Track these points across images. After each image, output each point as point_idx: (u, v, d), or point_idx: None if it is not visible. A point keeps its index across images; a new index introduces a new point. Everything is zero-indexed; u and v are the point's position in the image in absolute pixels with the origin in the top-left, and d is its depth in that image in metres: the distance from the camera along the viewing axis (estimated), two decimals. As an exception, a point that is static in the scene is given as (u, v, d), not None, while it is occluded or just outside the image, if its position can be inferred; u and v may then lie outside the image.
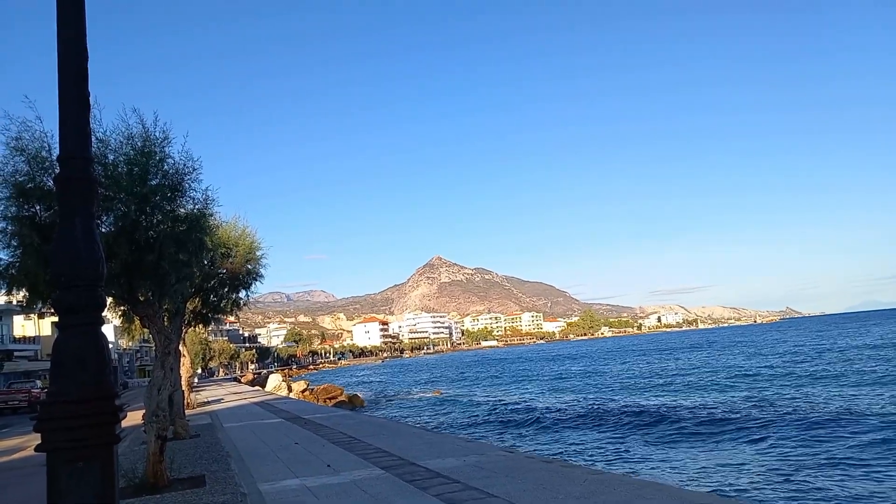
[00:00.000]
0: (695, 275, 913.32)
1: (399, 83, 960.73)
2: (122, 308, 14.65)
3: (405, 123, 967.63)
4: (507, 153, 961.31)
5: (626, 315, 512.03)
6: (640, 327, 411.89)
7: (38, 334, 59.93)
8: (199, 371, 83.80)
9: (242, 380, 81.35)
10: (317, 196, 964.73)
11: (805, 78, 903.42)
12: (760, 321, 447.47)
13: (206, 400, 34.04)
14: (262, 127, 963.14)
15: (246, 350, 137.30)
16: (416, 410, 39.24)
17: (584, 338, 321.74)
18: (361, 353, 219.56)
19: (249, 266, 18.13)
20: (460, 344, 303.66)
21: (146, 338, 52.58)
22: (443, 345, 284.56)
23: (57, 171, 3.38)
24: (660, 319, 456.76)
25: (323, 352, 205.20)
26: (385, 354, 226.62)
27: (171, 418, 14.10)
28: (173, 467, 10.59)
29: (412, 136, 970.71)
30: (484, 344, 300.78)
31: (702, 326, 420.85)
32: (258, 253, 18.36)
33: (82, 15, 3.43)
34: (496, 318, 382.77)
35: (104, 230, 8.89)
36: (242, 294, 18.99)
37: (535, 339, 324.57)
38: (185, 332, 21.08)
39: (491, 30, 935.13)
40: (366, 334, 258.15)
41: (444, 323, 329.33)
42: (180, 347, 20.08)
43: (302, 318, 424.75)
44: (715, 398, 31.88)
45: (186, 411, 21.14)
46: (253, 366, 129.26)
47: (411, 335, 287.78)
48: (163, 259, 9.29)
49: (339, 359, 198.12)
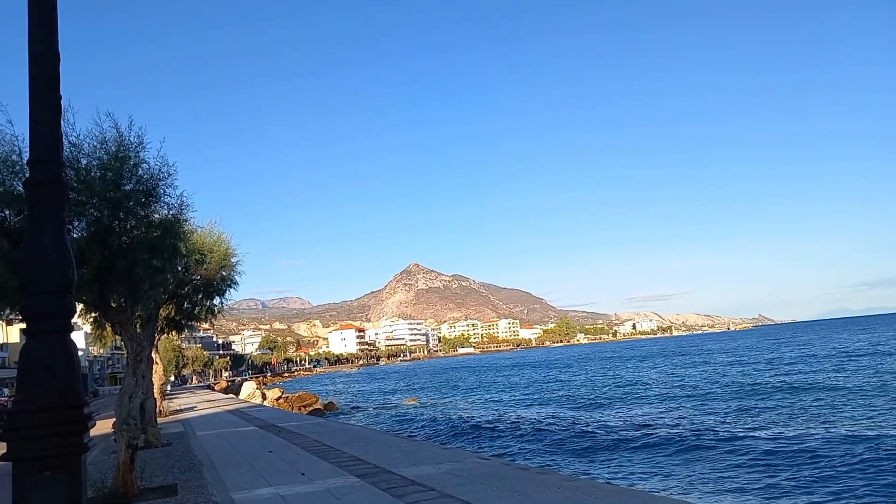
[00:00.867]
0: (669, 282, 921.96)
1: (376, 91, 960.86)
2: (93, 314, 14.43)
3: (382, 130, 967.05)
4: (485, 161, 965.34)
5: (601, 322, 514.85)
6: (615, 334, 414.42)
7: (6, 341, 58.83)
8: (172, 379, 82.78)
9: (216, 387, 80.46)
10: (292, 202, 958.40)
11: (778, 88, 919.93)
12: (734, 328, 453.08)
13: (178, 408, 33.58)
14: (238, 133, 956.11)
15: (220, 357, 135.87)
16: (392, 418, 39.08)
17: (559, 344, 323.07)
18: (337, 360, 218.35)
19: (224, 272, 17.92)
20: (437, 351, 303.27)
21: (118, 345, 51.80)
22: (419, 352, 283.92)
23: (27, 175, 3.32)
24: (635, 326, 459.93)
25: (298, 359, 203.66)
26: (361, 362, 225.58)
27: (143, 426, 13.89)
28: (144, 476, 10.42)
29: (389, 142, 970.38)
30: (461, 351, 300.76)
31: (676, 333, 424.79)
32: (233, 259, 18.14)
33: (54, 17, 3.38)
34: (473, 324, 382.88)
35: (76, 235, 8.76)
36: (217, 301, 18.75)
37: (511, 346, 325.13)
38: (158, 339, 20.82)
39: (469, 40, 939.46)
40: (342, 341, 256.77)
41: (420, 330, 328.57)
42: (153, 354, 19.82)
43: (277, 326, 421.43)
44: (685, 411, 32.20)
45: (159, 419, 20.83)
46: (227, 373, 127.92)
47: (388, 342, 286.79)
48: (136, 265, 9.17)
49: (314, 366, 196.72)
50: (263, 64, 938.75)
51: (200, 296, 18.07)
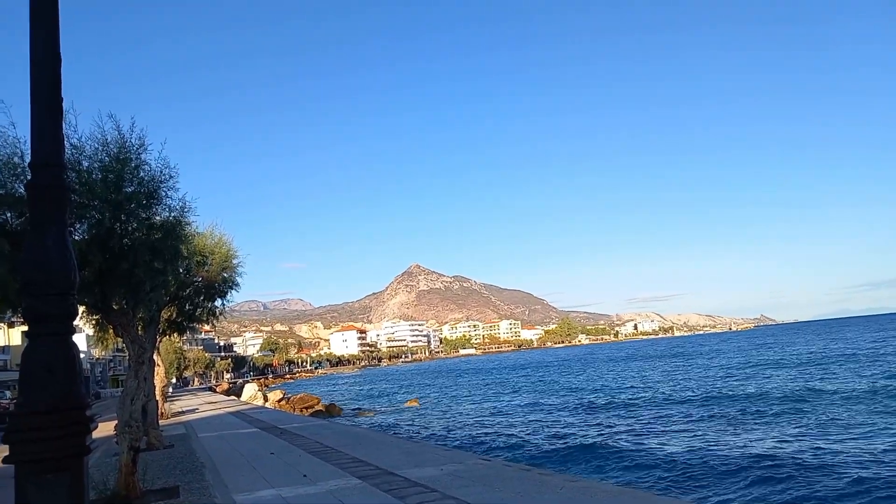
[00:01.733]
0: (671, 283, 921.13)
1: (377, 94, 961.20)
2: (95, 317, 14.44)
3: (383, 132, 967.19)
4: (487, 162, 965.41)
5: (603, 322, 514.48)
6: (616, 335, 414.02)
7: (7, 344, 58.80)
8: (174, 380, 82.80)
9: (218, 389, 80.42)
10: (294, 204, 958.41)
11: (784, 91, 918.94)
12: (735, 329, 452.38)
13: (180, 410, 33.59)
14: (240, 136, 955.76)
15: (221, 359, 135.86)
16: (394, 420, 39.07)
17: (561, 345, 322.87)
18: (339, 361, 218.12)
19: (225, 274, 17.94)
20: (438, 352, 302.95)
21: (120, 347, 51.80)
22: (421, 353, 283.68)
23: (29, 177, 3.32)
24: (636, 327, 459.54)
25: (300, 361, 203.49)
26: (363, 363, 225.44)
27: (145, 429, 13.89)
28: (146, 478, 10.43)
29: (390, 144, 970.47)
30: (462, 352, 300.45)
31: (678, 334, 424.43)
32: (234, 261, 18.17)
33: (55, 18, 3.38)
34: (474, 325, 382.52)
35: (77, 238, 8.77)
36: (218, 303, 18.77)
37: (513, 347, 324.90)
38: (160, 341, 20.82)
39: (471, 43, 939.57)
40: (343, 343, 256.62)
41: (422, 331, 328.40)
42: (154, 357, 19.81)
43: (278, 327, 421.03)
44: (683, 414, 32.18)
45: (160, 421, 20.84)
46: (228, 375, 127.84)
47: (389, 343, 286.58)
48: (137, 267, 9.17)
49: (315, 368, 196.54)
50: (266, 67, 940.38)
51: (202, 298, 18.10)
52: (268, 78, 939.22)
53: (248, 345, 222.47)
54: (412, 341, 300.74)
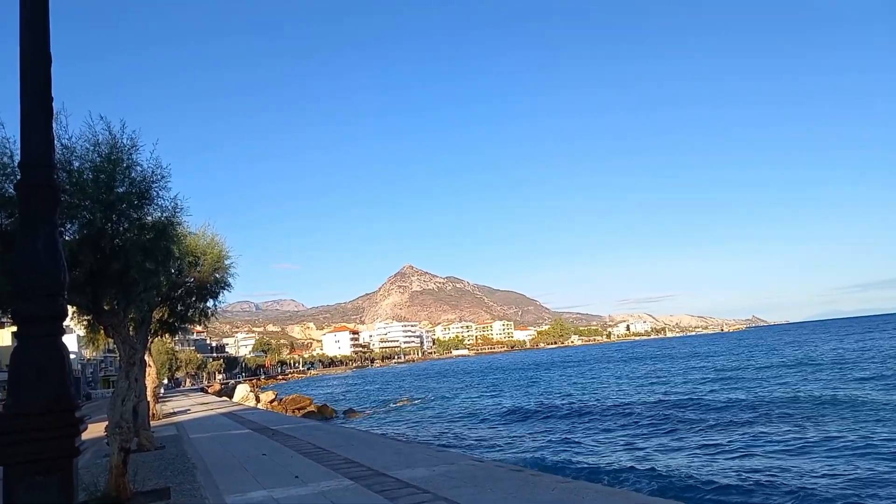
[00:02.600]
0: (663, 284, 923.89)
1: (372, 95, 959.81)
2: (86, 318, 14.38)
3: (378, 134, 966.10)
4: (480, 163, 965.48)
5: (595, 323, 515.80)
6: (609, 335, 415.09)
7: (-3, 344, 58.40)
8: (166, 381, 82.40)
9: (210, 390, 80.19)
10: (287, 205, 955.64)
11: (771, 93, 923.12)
12: (727, 329, 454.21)
13: (172, 411, 33.46)
14: (232, 137, 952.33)
15: (213, 360, 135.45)
16: (386, 420, 39.06)
17: (554, 346, 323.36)
18: (331, 362, 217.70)
19: (217, 275, 17.91)
20: (431, 353, 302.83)
21: (111, 348, 51.57)
22: (413, 354, 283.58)
23: (19, 178, 3.31)
24: (628, 328, 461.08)
25: (292, 361, 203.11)
26: (355, 364, 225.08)
27: (136, 430, 13.84)
28: (137, 480, 10.39)
29: (383, 145, 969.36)
30: (455, 353, 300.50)
31: (670, 335, 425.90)
32: (227, 262, 18.15)
33: (46, 18, 3.37)
34: (467, 326, 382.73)
35: (68, 238, 8.74)
36: (210, 303, 18.74)
37: (505, 348, 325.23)
38: (152, 342, 20.74)
39: (464, 45, 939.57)
40: (336, 344, 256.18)
41: (415, 332, 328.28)
42: (146, 357, 19.75)
43: (271, 328, 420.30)
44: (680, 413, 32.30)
45: (152, 422, 20.76)
46: (220, 376, 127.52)
47: (382, 344, 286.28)
48: (129, 267, 9.15)
49: (308, 369, 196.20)
50: (260, 69, 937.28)
51: (194, 298, 18.06)
52: (262, 80, 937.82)
53: (241, 345, 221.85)
54: (405, 342, 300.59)
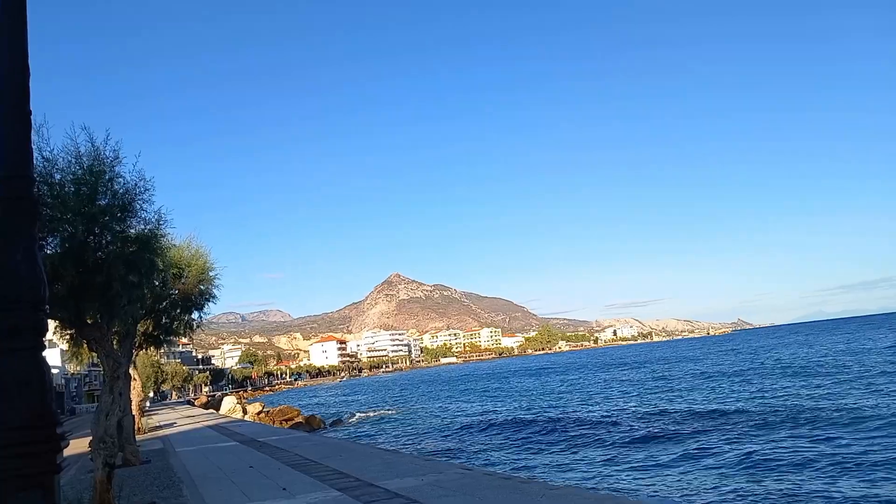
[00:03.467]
0: (649, 288, 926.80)
1: (358, 108, 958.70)
2: (69, 331, 14.22)
3: (364, 144, 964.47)
4: (466, 171, 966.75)
5: (582, 329, 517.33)
6: (596, 341, 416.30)
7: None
8: (151, 395, 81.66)
9: (196, 403, 79.54)
10: (273, 215, 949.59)
11: (757, 97, 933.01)
12: (713, 333, 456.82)
13: (157, 424, 33.14)
14: (220, 150, 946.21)
15: (199, 372, 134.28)
16: (374, 430, 38.89)
17: (542, 352, 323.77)
18: (319, 373, 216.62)
19: (202, 286, 17.79)
20: (419, 361, 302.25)
21: (95, 362, 51.05)
22: (402, 363, 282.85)
23: (-3, 190, 3.26)
24: (615, 333, 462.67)
25: (279, 373, 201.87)
26: (343, 374, 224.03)
27: (121, 444, 13.68)
28: (122, 495, 10.27)
29: (369, 154, 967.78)
30: (443, 361, 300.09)
31: (656, 339, 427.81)
32: (211, 273, 18.04)
33: (24, 30, 3.33)
34: (455, 334, 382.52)
35: (49, 251, 8.65)
36: (195, 315, 18.62)
37: (493, 355, 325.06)
38: (136, 355, 20.56)
39: (454, 59, 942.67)
40: (323, 354, 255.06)
41: (402, 340, 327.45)
42: (131, 371, 19.55)
43: (257, 339, 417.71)
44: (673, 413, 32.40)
45: (137, 436, 20.55)
46: (207, 388, 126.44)
47: (370, 354, 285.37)
48: (112, 280, 9.06)
49: (295, 379, 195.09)
50: (245, 82, 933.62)
51: (178, 310, 17.92)
52: (248, 95, 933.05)
53: (227, 357, 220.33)
54: (393, 351, 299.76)
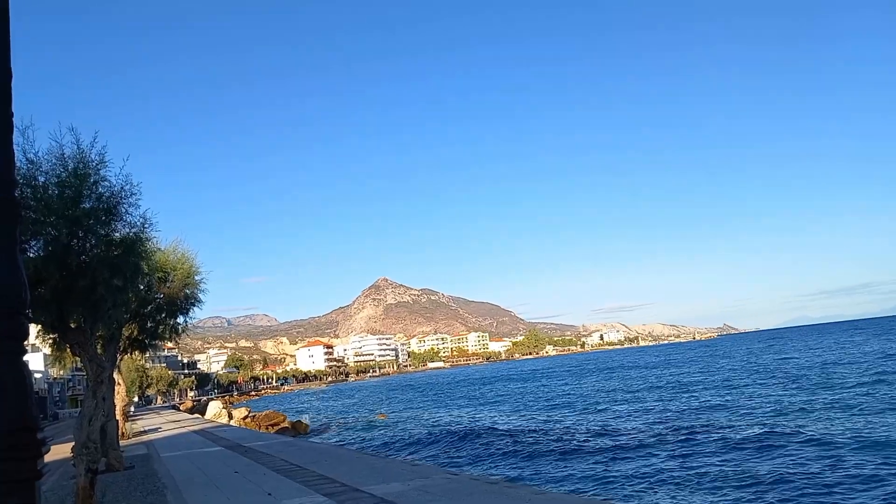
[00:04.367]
0: (636, 293, 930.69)
1: (345, 111, 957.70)
2: (52, 336, 14.09)
3: (351, 148, 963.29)
4: (453, 174, 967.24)
5: (569, 333, 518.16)
6: (583, 345, 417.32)
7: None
8: (136, 399, 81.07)
9: (181, 407, 79.04)
10: (259, 218, 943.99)
11: (737, 102, 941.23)
12: (699, 338, 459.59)
13: (142, 429, 32.86)
14: (203, 151, 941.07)
15: (185, 377, 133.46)
16: (361, 435, 38.76)
17: (529, 356, 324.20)
18: (305, 377, 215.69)
19: (188, 290, 17.70)
20: (407, 366, 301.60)
21: (79, 366, 50.61)
22: (389, 367, 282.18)
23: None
24: (602, 337, 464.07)
25: (265, 377, 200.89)
26: (329, 378, 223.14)
27: (104, 450, 13.56)
28: (105, 501, 10.18)
29: (357, 159, 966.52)
30: (430, 365, 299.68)
31: (643, 343, 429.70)
32: (197, 277, 17.96)
33: (7, 33, 3.30)
34: (443, 338, 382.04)
35: (32, 255, 8.57)
36: (181, 319, 18.53)
37: (481, 360, 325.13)
38: (121, 360, 20.40)
39: (439, 66, 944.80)
40: (310, 358, 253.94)
41: (390, 345, 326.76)
42: (115, 375, 19.40)
43: (243, 343, 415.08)
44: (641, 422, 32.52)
45: (121, 441, 20.37)
46: (192, 393, 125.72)
47: (357, 358, 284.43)
48: (96, 284, 8.99)
49: (281, 384, 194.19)
50: (228, 86, 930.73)
51: (164, 314, 17.82)
52: (233, 99, 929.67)
53: (213, 361, 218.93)
54: (380, 355, 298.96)
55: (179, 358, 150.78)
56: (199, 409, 69.52)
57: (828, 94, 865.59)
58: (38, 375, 66.77)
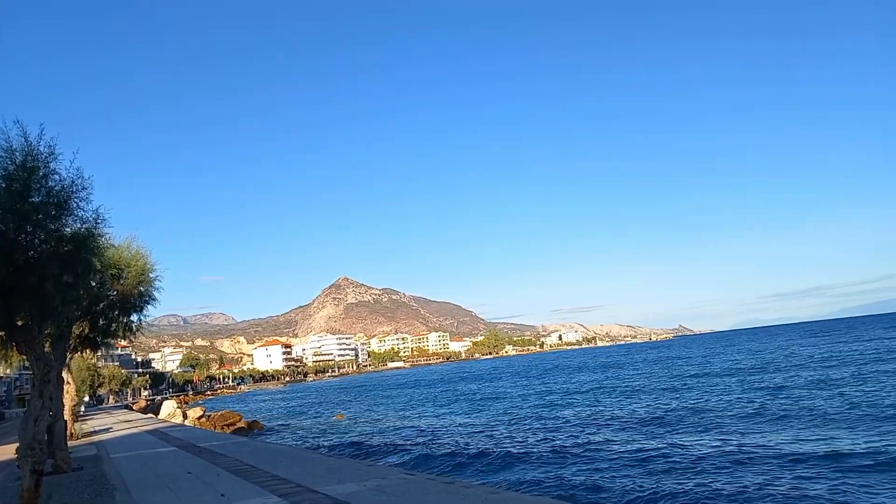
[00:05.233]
0: (594, 294, 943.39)
1: (303, 107, 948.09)
2: (-2, 333, 13.68)
3: (309, 145, 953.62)
4: (414, 175, 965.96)
5: (529, 333, 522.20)
6: (542, 345, 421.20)
7: None
8: (87, 399, 79.14)
9: (135, 407, 77.46)
10: (217, 215, 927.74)
11: (698, 106, 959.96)
12: (655, 339, 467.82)
13: (92, 429, 32.08)
14: (157, 149, 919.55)
15: (139, 376, 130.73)
16: (318, 436, 38.47)
17: (489, 356, 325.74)
18: (262, 377, 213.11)
19: (142, 288, 17.37)
20: (366, 366, 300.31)
21: (27, 364, 49.17)
22: (348, 367, 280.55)
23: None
24: (561, 338, 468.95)
25: (221, 377, 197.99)
26: (287, 378, 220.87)
27: (51, 451, 13.22)
28: (51, 503, 9.92)
29: (317, 156, 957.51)
30: (390, 365, 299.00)
31: (600, 344, 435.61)
32: (152, 274, 17.64)
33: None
34: (403, 338, 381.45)
35: (-24, 250, 8.32)
36: (134, 317, 18.18)
37: (441, 360, 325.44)
38: (71, 358, 19.89)
39: (406, 60, 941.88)
40: (267, 358, 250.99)
41: (349, 345, 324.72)
42: (64, 374, 18.93)
43: (199, 342, 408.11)
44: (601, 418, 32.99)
45: (70, 442, 19.89)
46: (146, 392, 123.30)
47: (315, 358, 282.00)
48: (45, 281, 8.76)
49: (238, 384, 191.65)
50: (191, 79, 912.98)
51: (117, 312, 17.46)
52: (192, 89, 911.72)
53: (168, 360, 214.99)
54: (339, 355, 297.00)
55: (133, 357, 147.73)
56: (153, 408, 68.28)
57: (793, 96, 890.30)
58: (-17, 374, 64.62)
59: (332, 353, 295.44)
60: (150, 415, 55.15)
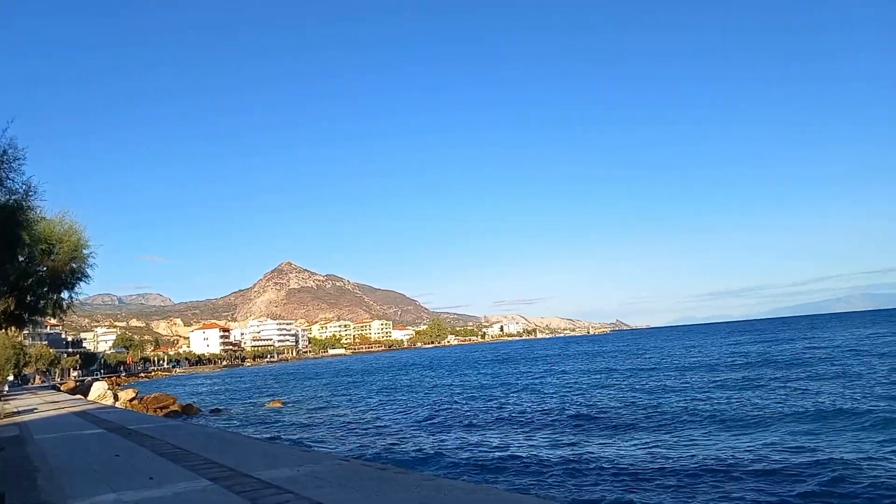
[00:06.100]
0: (536, 287, 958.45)
1: (257, 89, 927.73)
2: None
3: (257, 126, 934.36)
4: (362, 158, 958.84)
5: (471, 324, 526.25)
6: (484, 336, 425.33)
7: None
8: (11, 378, 76.18)
9: (62, 388, 74.91)
10: (156, 193, 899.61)
11: (655, 102, 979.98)
12: (593, 332, 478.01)
13: (15, 409, 30.86)
14: (100, 123, 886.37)
15: (69, 356, 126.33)
16: (253, 421, 38.00)
17: (431, 346, 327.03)
18: (199, 360, 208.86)
19: (74, 264, 16.86)
20: (306, 352, 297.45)
21: (-54, 341, 46.90)
22: (288, 353, 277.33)
23: None
24: (502, 329, 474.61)
25: (156, 359, 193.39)
26: (225, 363, 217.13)
27: (-29, 430, 12.70)
28: (-31, 485, 9.54)
29: (264, 138, 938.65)
30: (331, 352, 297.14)
31: (540, 336, 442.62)
32: (85, 251, 17.12)
33: None
34: (345, 325, 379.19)
35: None
36: (66, 295, 17.64)
37: (383, 348, 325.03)
38: (-6, 335, 19.15)
39: (347, 41, 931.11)
40: (204, 341, 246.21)
41: (290, 330, 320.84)
42: (-14, 352, 18.19)
43: (134, 323, 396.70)
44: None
45: (-9, 423, 19.09)
46: (76, 373, 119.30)
47: (254, 343, 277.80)
48: (-34, 253, 8.41)
49: (173, 367, 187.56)
50: (141, 55, 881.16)
51: (46, 289, 16.94)
52: (141, 66, 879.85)
53: (100, 341, 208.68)
54: (279, 341, 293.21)
55: (64, 336, 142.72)
56: (82, 389, 66.15)
57: (762, 93, 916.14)
58: None
59: (271, 339, 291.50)
60: (78, 396, 53.35)
